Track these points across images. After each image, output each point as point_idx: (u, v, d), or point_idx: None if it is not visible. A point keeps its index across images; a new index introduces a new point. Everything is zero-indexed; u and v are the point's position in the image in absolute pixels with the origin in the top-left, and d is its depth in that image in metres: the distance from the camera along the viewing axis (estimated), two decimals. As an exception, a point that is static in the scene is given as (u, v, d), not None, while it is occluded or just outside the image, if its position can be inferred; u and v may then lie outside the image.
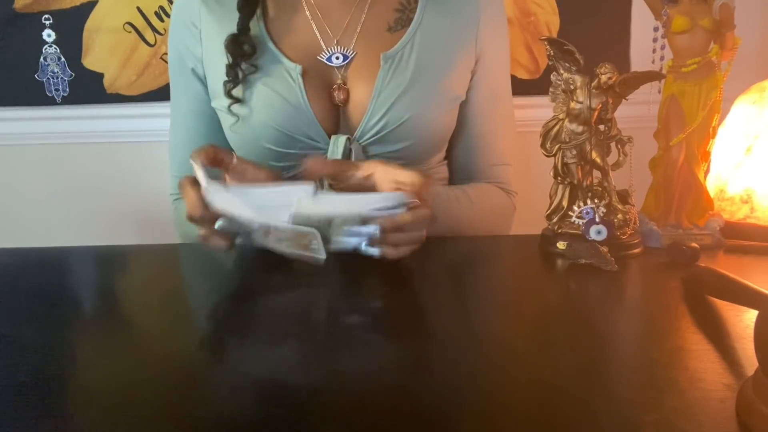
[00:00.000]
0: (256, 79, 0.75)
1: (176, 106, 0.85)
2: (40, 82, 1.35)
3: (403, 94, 0.75)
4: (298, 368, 0.38)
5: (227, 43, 0.74)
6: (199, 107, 0.82)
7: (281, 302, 0.53)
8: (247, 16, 0.75)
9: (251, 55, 0.75)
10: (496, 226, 0.84)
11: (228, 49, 0.74)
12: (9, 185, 1.43)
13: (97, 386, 0.37)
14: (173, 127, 0.86)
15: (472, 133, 0.84)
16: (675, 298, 0.49)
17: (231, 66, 0.74)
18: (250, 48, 0.75)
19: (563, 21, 1.33)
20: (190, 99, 0.82)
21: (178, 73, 0.83)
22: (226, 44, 0.74)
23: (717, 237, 0.64)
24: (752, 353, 0.31)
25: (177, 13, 0.81)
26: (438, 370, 0.37)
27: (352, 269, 0.66)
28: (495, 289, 0.57)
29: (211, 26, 0.78)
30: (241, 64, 0.74)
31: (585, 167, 0.63)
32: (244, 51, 0.74)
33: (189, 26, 0.79)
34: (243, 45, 0.74)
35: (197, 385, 0.37)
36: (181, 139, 0.84)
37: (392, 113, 0.75)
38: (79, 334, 0.47)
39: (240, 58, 0.74)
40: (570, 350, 0.40)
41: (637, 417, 0.31)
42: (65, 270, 0.69)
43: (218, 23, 0.77)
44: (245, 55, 0.74)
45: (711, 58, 0.62)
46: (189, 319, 0.51)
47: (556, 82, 0.63)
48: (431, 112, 0.77)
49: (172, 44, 0.82)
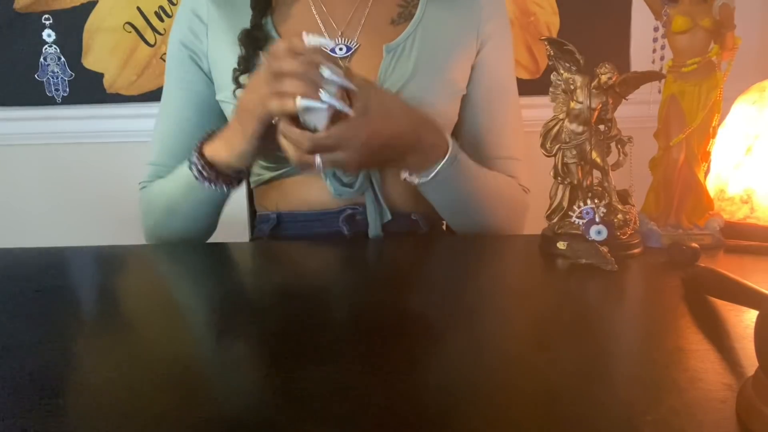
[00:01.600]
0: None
1: (169, 94, 0.84)
2: (40, 82, 1.35)
3: (406, 85, 0.76)
4: (299, 368, 0.38)
5: (242, 38, 0.76)
6: (195, 97, 0.83)
7: (281, 302, 0.53)
8: (260, 13, 0.78)
9: (264, 46, 0.76)
10: (510, 219, 0.82)
11: (242, 42, 0.76)
12: (9, 185, 1.43)
13: (97, 386, 0.37)
14: (162, 115, 0.85)
15: (476, 127, 0.84)
16: (675, 298, 0.49)
17: (245, 57, 0.76)
18: (264, 41, 0.77)
19: (563, 21, 1.33)
20: (186, 87, 0.83)
21: (178, 63, 0.83)
22: (240, 38, 0.76)
23: (717, 237, 0.64)
24: (752, 353, 0.31)
25: (184, 6, 0.83)
26: (437, 370, 0.37)
27: (351, 269, 0.66)
28: (495, 289, 0.57)
29: (221, 23, 0.79)
30: (254, 55, 0.76)
31: (585, 167, 0.63)
32: (257, 44, 0.76)
33: (195, 19, 0.81)
34: (257, 38, 0.77)
35: (198, 386, 0.37)
36: (169, 127, 0.84)
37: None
38: (79, 335, 0.47)
39: (253, 50, 0.76)
40: (570, 350, 0.40)
41: (637, 417, 0.31)
42: (65, 270, 0.69)
43: (227, 19, 0.79)
44: (260, 47, 0.76)
45: (711, 58, 0.62)
46: (189, 319, 0.51)
47: (556, 82, 0.63)
48: (434, 103, 0.77)
49: (174, 34, 0.83)
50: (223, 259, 0.71)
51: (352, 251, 0.73)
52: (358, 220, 0.79)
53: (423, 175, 0.72)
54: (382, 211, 0.79)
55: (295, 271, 0.66)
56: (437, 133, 0.71)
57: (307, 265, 0.68)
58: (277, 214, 0.83)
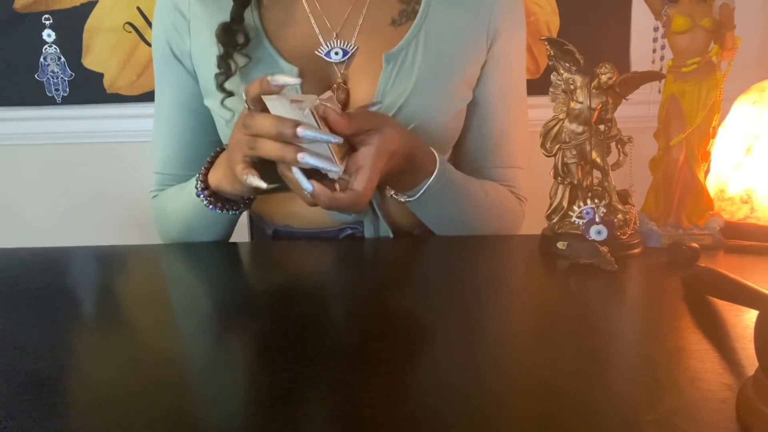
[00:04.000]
0: (250, 77, 0.71)
1: (161, 100, 0.80)
2: (40, 82, 1.35)
3: (409, 99, 0.71)
4: (298, 368, 0.38)
5: (218, 32, 0.69)
6: (186, 101, 0.77)
7: (281, 302, 0.53)
8: (241, 5, 0.70)
9: (244, 45, 0.70)
10: (501, 231, 0.79)
11: (219, 39, 0.69)
12: (9, 185, 1.43)
13: (97, 386, 0.37)
14: (157, 123, 0.80)
15: (480, 133, 0.80)
16: (675, 298, 0.49)
17: (223, 57, 0.69)
18: (242, 38, 0.70)
19: (563, 21, 1.33)
20: (176, 92, 0.78)
21: (164, 65, 0.78)
22: (217, 33, 0.69)
23: (717, 237, 0.64)
24: (752, 353, 0.31)
25: (163, 2, 0.76)
26: (437, 370, 0.37)
27: (350, 269, 0.66)
28: (495, 289, 0.57)
29: (202, 17, 0.73)
30: (233, 55, 0.70)
31: (585, 167, 0.63)
32: (236, 41, 0.70)
33: (176, 14, 0.74)
34: (235, 34, 0.70)
35: (198, 386, 0.37)
36: (165, 135, 0.80)
37: (397, 119, 0.70)
38: (79, 335, 0.47)
39: (232, 48, 0.70)
40: (570, 350, 0.40)
41: (637, 417, 0.31)
42: (65, 270, 0.69)
43: (209, 13, 0.72)
44: (237, 45, 0.70)
45: (711, 58, 0.62)
46: (189, 319, 0.51)
47: (556, 82, 0.63)
48: (439, 116, 0.73)
49: (157, 35, 0.77)
50: (223, 259, 0.71)
51: (352, 251, 0.72)
52: (358, 238, 0.77)
53: (410, 193, 0.69)
54: (381, 230, 0.76)
55: (294, 271, 0.66)
56: (426, 150, 0.68)
57: (307, 265, 0.68)
58: (274, 230, 0.80)
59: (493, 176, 0.80)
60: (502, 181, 0.81)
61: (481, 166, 0.81)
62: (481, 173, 0.80)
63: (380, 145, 0.59)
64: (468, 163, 0.81)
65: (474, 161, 0.81)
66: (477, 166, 0.81)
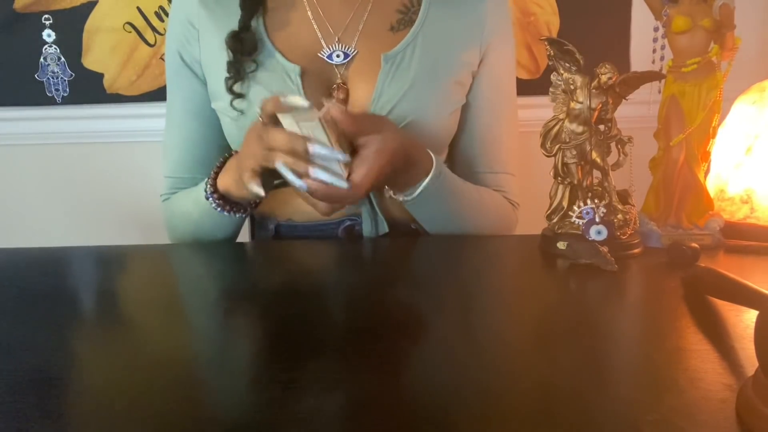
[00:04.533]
0: (256, 78, 0.75)
1: (172, 106, 0.84)
2: (40, 82, 1.35)
3: (405, 96, 0.74)
4: (298, 368, 0.38)
5: (228, 40, 0.74)
6: (196, 107, 0.81)
7: (280, 302, 0.53)
8: (249, 14, 0.75)
9: (252, 51, 0.74)
10: (498, 233, 0.81)
11: (229, 45, 0.74)
12: (9, 185, 1.43)
13: (97, 387, 0.37)
14: (168, 128, 0.84)
15: (471, 139, 0.83)
16: (675, 298, 0.49)
17: (232, 63, 0.74)
18: (251, 45, 0.74)
19: (563, 21, 1.33)
20: (186, 98, 0.82)
21: (176, 71, 0.82)
22: (227, 40, 0.74)
23: (717, 237, 0.64)
24: (752, 353, 0.31)
25: (175, 12, 0.81)
26: (437, 370, 0.37)
27: (350, 269, 0.66)
28: (495, 289, 0.57)
29: (210, 26, 0.77)
30: (242, 61, 0.74)
31: (585, 167, 0.63)
32: (245, 48, 0.74)
33: (187, 26, 0.79)
34: (244, 41, 0.74)
35: (198, 386, 0.37)
36: (176, 140, 0.83)
37: (393, 115, 0.74)
38: (79, 335, 0.47)
39: (241, 54, 0.74)
40: (570, 350, 0.40)
41: (637, 417, 0.31)
42: (65, 270, 0.69)
43: (217, 22, 0.77)
44: (246, 52, 0.74)
45: (711, 58, 0.62)
46: (189, 320, 0.51)
47: (556, 82, 0.63)
48: (433, 115, 0.76)
49: (169, 43, 0.82)
50: (223, 259, 0.72)
51: (352, 251, 0.73)
52: (357, 230, 0.79)
53: (407, 192, 0.71)
54: (378, 223, 0.78)
55: (294, 270, 0.66)
56: (422, 150, 0.71)
57: (307, 265, 0.68)
58: (276, 225, 0.83)
59: (486, 181, 0.83)
60: (495, 186, 0.84)
61: (474, 171, 0.84)
62: (474, 178, 0.83)
63: (381, 144, 0.62)
64: (461, 168, 0.84)
65: (467, 165, 0.84)
66: (470, 171, 0.84)
